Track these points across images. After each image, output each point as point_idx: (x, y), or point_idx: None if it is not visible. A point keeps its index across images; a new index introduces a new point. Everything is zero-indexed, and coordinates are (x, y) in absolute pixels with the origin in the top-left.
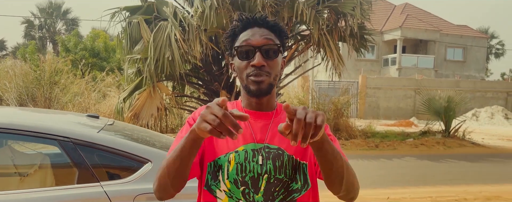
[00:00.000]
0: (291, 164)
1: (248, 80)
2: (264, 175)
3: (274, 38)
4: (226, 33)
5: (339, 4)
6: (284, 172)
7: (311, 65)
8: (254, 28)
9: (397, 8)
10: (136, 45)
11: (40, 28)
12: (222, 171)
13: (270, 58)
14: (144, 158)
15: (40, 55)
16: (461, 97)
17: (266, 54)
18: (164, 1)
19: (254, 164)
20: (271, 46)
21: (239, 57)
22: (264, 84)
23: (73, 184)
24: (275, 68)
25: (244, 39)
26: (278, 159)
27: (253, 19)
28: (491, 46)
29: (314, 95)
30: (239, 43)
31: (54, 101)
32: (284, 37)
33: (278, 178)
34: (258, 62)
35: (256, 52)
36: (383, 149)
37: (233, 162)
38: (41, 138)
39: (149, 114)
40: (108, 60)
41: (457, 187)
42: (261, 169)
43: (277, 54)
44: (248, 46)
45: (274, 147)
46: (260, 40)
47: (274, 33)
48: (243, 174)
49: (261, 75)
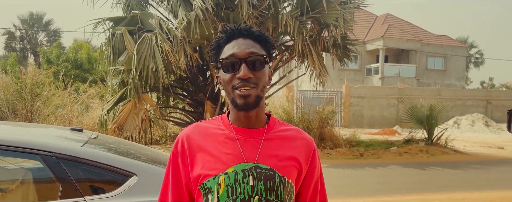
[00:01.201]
0: (283, 185)
1: (235, 93)
2: (255, 197)
3: (260, 49)
4: (210, 46)
5: (322, 15)
6: (275, 193)
7: (295, 75)
8: (238, 40)
9: (379, 19)
10: (119, 56)
11: (21, 39)
12: (211, 194)
13: (256, 70)
14: (129, 171)
15: (21, 67)
16: (442, 105)
17: (252, 66)
18: (148, 13)
19: (245, 186)
20: (257, 57)
21: (224, 70)
22: (251, 98)
23: (57, 200)
24: (262, 79)
25: (229, 51)
26: (269, 180)
27: (238, 30)
28: (470, 56)
29: (298, 105)
30: (224, 55)
31: (36, 113)
32: (271, 47)
33: (269, 200)
34: (244, 74)
35: (241, 64)
36: (368, 158)
37: (223, 184)
38: (23, 153)
39: (133, 125)
40: (91, 71)
41: (441, 194)
42: (252, 190)
43: (263, 65)
44: (233, 58)
45: (266, 167)
46: (245, 51)
47: (259, 44)
48: (233, 196)
49: (248, 87)
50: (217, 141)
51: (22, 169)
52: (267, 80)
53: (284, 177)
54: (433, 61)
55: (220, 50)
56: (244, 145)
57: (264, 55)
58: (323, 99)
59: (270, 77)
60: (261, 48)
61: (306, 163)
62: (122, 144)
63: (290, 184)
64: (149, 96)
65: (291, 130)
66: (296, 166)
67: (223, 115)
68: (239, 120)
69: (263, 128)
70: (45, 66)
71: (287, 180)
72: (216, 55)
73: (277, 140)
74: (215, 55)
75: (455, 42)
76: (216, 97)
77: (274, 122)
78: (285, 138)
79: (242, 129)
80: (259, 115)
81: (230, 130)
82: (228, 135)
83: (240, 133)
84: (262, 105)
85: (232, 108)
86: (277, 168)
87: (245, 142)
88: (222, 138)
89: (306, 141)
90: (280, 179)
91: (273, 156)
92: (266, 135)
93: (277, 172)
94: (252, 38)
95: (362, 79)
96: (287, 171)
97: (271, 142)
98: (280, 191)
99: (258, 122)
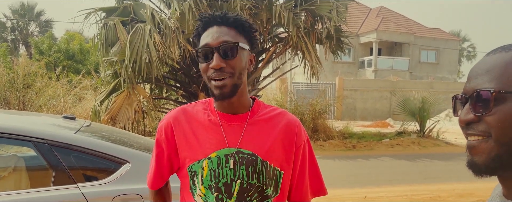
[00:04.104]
0: (265, 169)
1: (211, 84)
2: (237, 181)
3: (235, 35)
4: (193, 35)
5: (316, 6)
6: (257, 177)
7: (289, 68)
8: (213, 28)
9: (373, 11)
10: (112, 47)
11: (12, 30)
12: (197, 177)
13: (229, 58)
14: (122, 159)
15: (13, 58)
16: (435, 98)
17: (224, 55)
18: (140, 3)
19: (227, 170)
20: (228, 45)
21: (199, 60)
22: (227, 88)
23: (49, 186)
24: (238, 67)
25: (203, 40)
26: (251, 164)
27: (212, 17)
28: (463, 49)
29: (292, 97)
30: (200, 44)
31: (28, 104)
32: (250, 31)
33: (250, 183)
34: (216, 64)
35: (214, 53)
36: (360, 149)
37: (207, 168)
38: (15, 140)
39: (126, 116)
40: (83, 62)
41: (431, 185)
42: (234, 174)
43: (236, 52)
44: (206, 48)
45: (248, 152)
46: (217, 40)
47: (235, 30)
48: (216, 180)
49: (223, 77)
50: (202, 125)
51: (14, 156)
52: (244, 66)
53: (266, 162)
54: (426, 54)
55: (199, 38)
56: (227, 131)
57: (236, 43)
58: (317, 91)
59: (252, 61)
60: (237, 34)
61: (290, 144)
62: (115, 132)
63: (273, 168)
64: (142, 87)
65: (275, 112)
66: (280, 149)
67: (211, 99)
68: (222, 106)
69: (246, 113)
70: (37, 57)
71: (269, 164)
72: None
73: (260, 124)
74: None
75: (448, 36)
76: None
77: (259, 106)
78: (268, 120)
79: (226, 114)
80: (242, 101)
81: (214, 116)
82: (212, 120)
83: (224, 119)
84: (243, 91)
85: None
86: (260, 153)
87: (228, 127)
88: (207, 123)
89: (290, 122)
90: (262, 163)
91: (256, 141)
92: (250, 120)
93: (259, 156)
94: (227, 25)
95: (355, 72)
96: (270, 156)
97: (254, 127)
98: (262, 175)
99: (241, 107)
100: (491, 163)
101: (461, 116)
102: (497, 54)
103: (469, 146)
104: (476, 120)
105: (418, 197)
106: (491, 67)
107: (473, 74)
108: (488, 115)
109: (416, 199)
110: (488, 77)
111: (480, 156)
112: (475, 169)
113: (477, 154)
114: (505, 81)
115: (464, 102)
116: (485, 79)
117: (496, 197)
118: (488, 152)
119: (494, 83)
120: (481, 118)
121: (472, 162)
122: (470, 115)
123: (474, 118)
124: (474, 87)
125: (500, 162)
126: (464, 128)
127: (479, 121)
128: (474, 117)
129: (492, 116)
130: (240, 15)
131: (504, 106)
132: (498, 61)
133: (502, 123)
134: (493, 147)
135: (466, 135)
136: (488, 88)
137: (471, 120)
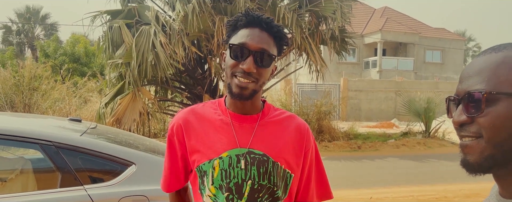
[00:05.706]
0: (276, 170)
1: (233, 80)
2: (248, 181)
3: (272, 45)
4: (228, 22)
5: (320, 8)
6: (268, 178)
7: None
8: (255, 29)
9: (377, 12)
10: (117, 49)
11: (18, 33)
12: (206, 176)
13: (262, 66)
14: (128, 160)
15: (19, 61)
16: (440, 98)
17: (259, 61)
18: (145, 6)
19: (238, 170)
20: (266, 55)
21: (231, 55)
22: (248, 91)
23: (56, 188)
24: (264, 76)
25: (242, 38)
26: (262, 165)
27: (259, 19)
28: (468, 49)
29: (296, 98)
30: (236, 40)
31: (34, 107)
32: (284, 44)
33: (262, 184)
34: (248, 68)
35: (249, 56)
36: (366, 150)
37: (218, 168)
38: (22, 142)
39: (131, 118)
40: (89, 65)
41: (438, 186)
42: (245, 175)
43: (270, 63)
44: (243, 47)
45: (259, 153)
46: (257, 45)
47: (274, 40)
48: (227, 180)
49: (248, 80)
50: (213, 126)
51: (21, 158)
52: (268, 76)
53: (277, 163)
54: (431, 54)
55: (235, 31)
56: (238, 131)
57: (273, 55)
58: (321, 92)
59: (273, 71)
60: (274, 44)
61: (300, 147)
62: (120, 134)
63: (284, 170)
64: (147, 89)
65: (284, 115)
66: (290, 152)
67: (221, 99)
68: (235, 106)
69: (257, 114)
70: (43, 60)
71: (280, 165)
72: (230, 34)
73: (270, 126)
74: (229, 32)
75: (453, 35)
76: (214, 91)
77: (269, 108)
78: (278, 123)
79: (237, 114)
80: (254, 103)
81: (225, 115)
82: (223, 120)
83: (235, 119)
84: (258, 95)
85: (228, 92)
86: (271, 154)
87: (239, 128)
88: (218, 123)
89: (299, 126)
90: (273, 164)
91: (267, 142)
92: (260, 121)
93: (270, 157)
94: (269, 33)
95: (360, 73)
96: (281, 157)
97: (265, 128)
98: (273, 176)
99: (253, 108)
100: (483, 161)
101: (454, 117)
102: (488, 55)
103: (462, 145)
104: (469, 121)
105: (424, 198)
106: (482, 69)
107: (465, 76)
108: (480, 116)
109: (422, 199)
110: (479, 78)
111: (472, 155)
112: (468, 168)
113: (470, 153)
114: (496, 82)
115: (457, 103)
116: (476, 80)
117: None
118: (480, 151)
119: (485, 85)
120: (473, 119)
121: (465, 161)
122: (463, 116)
123: (466, 119)
124: (466, 89)
125: (493, 161)
126: (458, 129)
127: (472, 122)
128: (466, 118)
129: (484, 117)
130: (281, 26)
131: (495, 107)
132: (488, 62)
133: (493, 124)
134: (485, 147)
135: (459, 136)
136: (479, 89)
137: (464, 121)
